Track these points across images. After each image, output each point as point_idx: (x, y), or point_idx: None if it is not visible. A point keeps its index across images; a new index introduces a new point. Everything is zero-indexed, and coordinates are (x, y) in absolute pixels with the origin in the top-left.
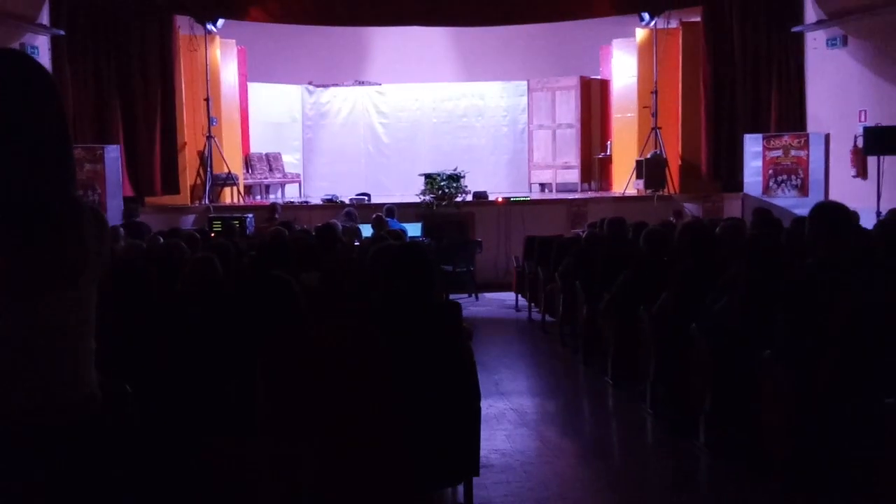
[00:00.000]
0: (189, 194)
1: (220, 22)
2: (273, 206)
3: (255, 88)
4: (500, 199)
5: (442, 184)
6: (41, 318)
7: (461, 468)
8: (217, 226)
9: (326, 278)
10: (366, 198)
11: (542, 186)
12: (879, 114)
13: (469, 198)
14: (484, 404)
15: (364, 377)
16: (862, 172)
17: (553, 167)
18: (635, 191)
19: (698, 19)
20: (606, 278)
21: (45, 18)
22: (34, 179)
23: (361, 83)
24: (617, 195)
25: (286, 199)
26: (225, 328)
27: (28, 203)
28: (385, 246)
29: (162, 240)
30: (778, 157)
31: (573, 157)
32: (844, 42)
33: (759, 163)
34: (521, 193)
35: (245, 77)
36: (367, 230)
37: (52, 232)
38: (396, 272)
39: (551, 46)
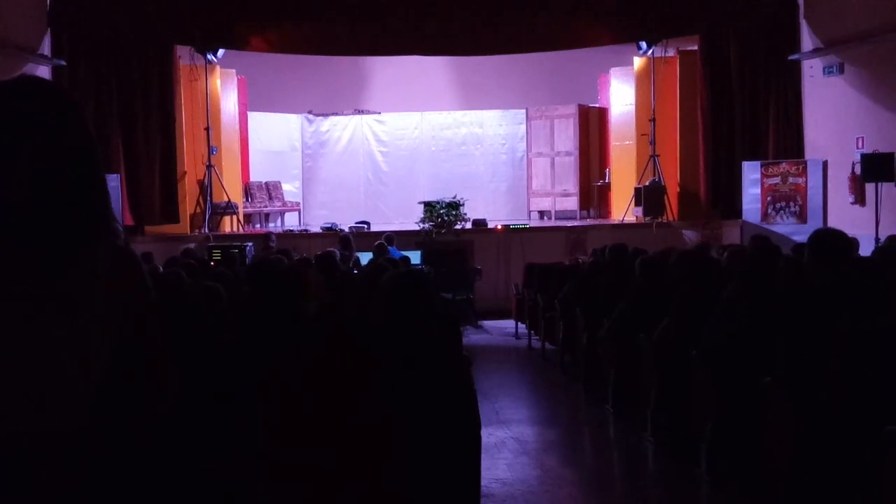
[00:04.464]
0: (189, 223)
1: (221, 52)
2: (268, 234)
3: (255, 118)
4: (499, 227)
5: (441, 211)
6: (34, 347)
7: (462, 497)
8: (216, 254)
9: (325, 306)
10: (365, 226)
11: (542, 214)
12: (877, 140)
13: (468, 225)
14: (484, 433)
15: (363, 405)
16: (860, 199)
17: (552, 195)
18: (634, 218)
19: (695, 48)
20: (608, 305)
21: (46, 49)
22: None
23: (361, 112)
24: (616, 222)
25: (286, 228)
26: (225, 357)
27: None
28: (384, 273)
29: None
30: (776, 184)
31: (572, 184)
32: (841, 70)
33: (758, 190)
34: (520, 221)
35: (245, 106)
36: (367, 258)
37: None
38: (395, 299)
39: (550, 75)
